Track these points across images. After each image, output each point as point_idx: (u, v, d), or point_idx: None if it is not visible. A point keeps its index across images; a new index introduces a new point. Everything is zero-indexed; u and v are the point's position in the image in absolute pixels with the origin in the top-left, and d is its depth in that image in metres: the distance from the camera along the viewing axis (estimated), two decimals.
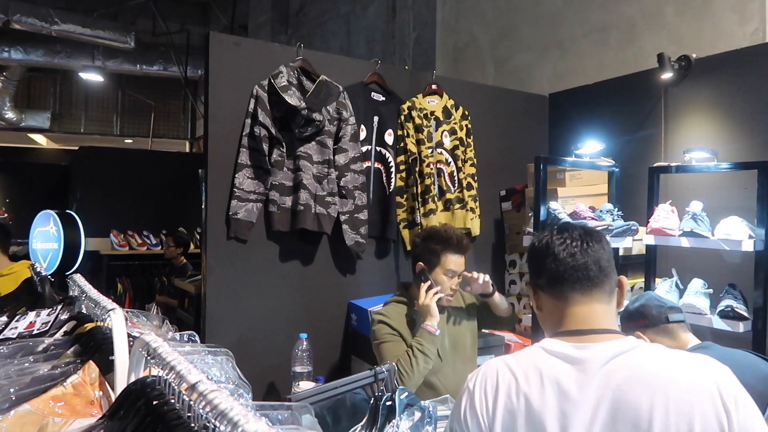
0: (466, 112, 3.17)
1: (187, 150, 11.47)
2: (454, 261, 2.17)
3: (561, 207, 2.53)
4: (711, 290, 2.41)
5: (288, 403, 1.05)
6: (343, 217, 2.71)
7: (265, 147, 2.54)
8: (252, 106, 2.53)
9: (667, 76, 2.87)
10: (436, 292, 2.12)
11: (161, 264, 6.17)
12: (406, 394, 1.51)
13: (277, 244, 2.63)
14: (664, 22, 3.43)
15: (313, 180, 2.61)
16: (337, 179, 2.71)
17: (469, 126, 3.18)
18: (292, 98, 2.51)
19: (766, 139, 2.55)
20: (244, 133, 2.52)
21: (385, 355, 2.09)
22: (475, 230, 3.13)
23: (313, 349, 2.35)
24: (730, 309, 2.26)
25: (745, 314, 2.25)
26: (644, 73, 3.06)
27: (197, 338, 1.42)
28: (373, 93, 2.94)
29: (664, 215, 2.50)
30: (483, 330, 2.51)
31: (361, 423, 1.48)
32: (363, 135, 2.88)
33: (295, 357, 2.31)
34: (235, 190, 2.49)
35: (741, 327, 2.25)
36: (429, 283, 2.12)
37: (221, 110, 2.51)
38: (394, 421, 1.43)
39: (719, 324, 2.29)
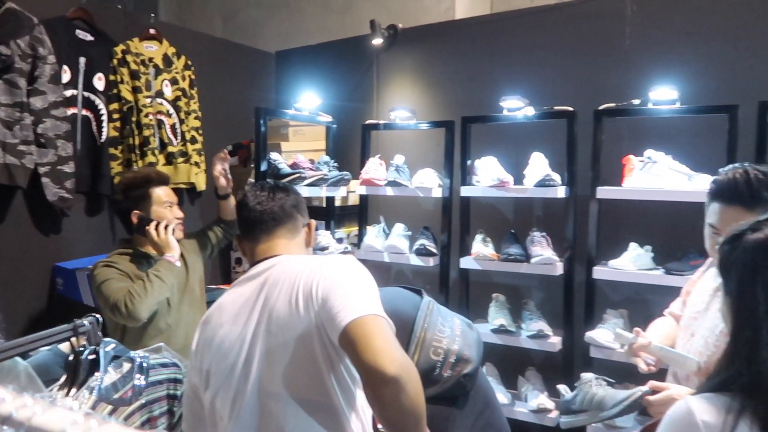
0: (189, 62, 3.04)
1: None
2: (164, 191, 2.14)
3: (282, 159, 2.62)
4: (410, 233, 2.78)
5: None
6: (42, 170, 2.39)
7: None
8: None
9: (378, 42, 3.15)
10: (167, 225, 2.05)
11: None
12: (113, 345, 1.43)
13: None
14: None
15: (0, 125, 2.24)
16: (33, 125, 2.37)
17: (193, 77, 3.06)
18: None
19: (454, 102, 2.99)
20: None
21: (111, 291, 1.91)
22: (201, 185, 3.06)
23: (7, 320, 2.07)
24: (423, 247, 2.63)
25: (434, 251, 2.65)
26: (361, 38, 3.30)
27: None
28: (78, 31, 2.62)
29: (373, 167, 2.78)
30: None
31: (60, 381, 1.36)
32: (67, 78, 2.56)
33: None
34: None
35: (431, 262, 2.64)
36: (155, 222, 2.04)
37: None
38: (98, 374, 1.35)
39: (415, 261, 2.66)
